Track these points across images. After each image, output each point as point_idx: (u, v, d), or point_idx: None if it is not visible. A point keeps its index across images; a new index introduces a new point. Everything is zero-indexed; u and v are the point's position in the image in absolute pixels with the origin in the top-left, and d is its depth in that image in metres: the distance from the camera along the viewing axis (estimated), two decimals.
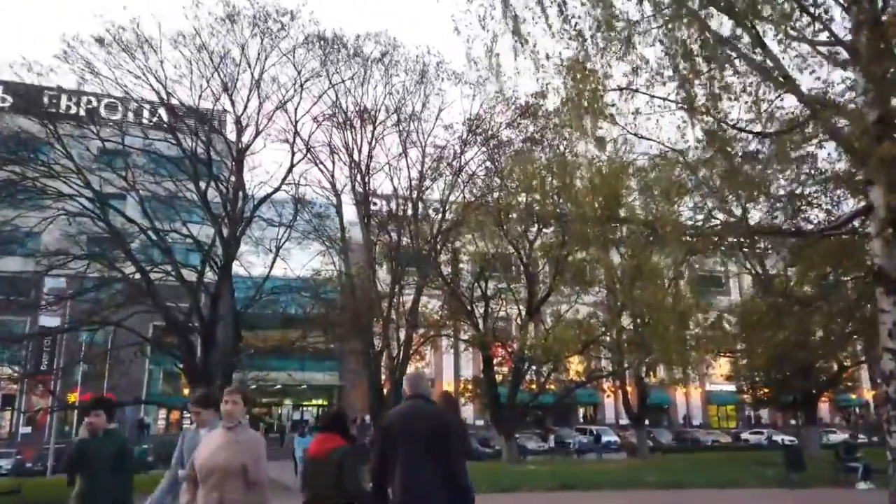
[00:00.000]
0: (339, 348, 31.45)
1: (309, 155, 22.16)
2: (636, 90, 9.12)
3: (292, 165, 19.99)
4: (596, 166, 11.31)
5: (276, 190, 19.78)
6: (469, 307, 25.50)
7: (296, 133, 20.12)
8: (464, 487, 3.81)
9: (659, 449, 32.78)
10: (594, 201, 11.40)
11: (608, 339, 23.51)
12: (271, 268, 20.78)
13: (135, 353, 23.14)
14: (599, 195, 11.34)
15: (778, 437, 42.66)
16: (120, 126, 20.20)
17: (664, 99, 9.09)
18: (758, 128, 9.23)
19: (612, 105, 9.17)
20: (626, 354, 21.18)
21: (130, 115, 20.91)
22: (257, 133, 19.23)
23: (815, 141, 9.76)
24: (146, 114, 20.74)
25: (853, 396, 55.28)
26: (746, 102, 8.80)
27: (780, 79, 8.42)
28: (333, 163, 23.99)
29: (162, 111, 18.52)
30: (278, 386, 48.90)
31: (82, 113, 21.56)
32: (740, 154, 9.79)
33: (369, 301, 22.46)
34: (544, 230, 24.41)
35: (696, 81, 8.59)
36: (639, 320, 23.16)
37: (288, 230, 20.90)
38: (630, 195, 12.42)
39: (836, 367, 25.52)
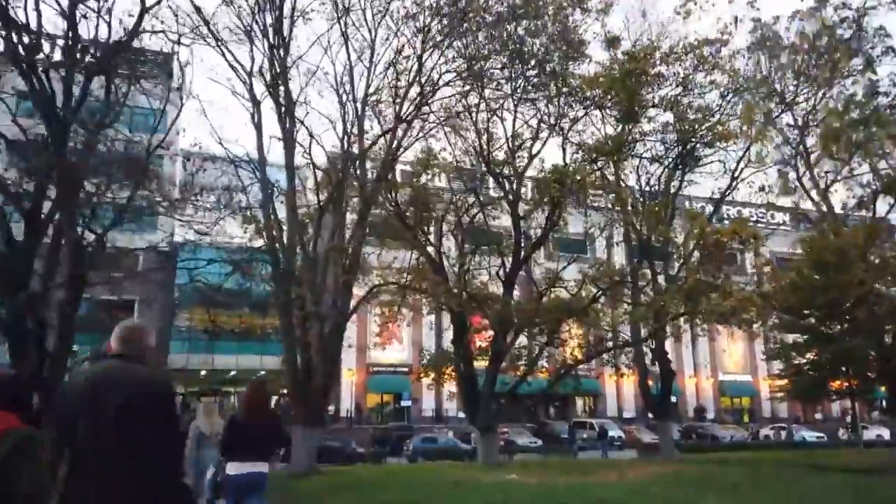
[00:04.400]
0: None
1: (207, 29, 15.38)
2: None
3: (146, 7, 13.09)
4: None
5: (129, 42, 12.88)
6: (438, 259, 19.11)
7: None
8: (178, 497, 2.52)
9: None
10: None
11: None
12: (138, 184, 14.08)
13: None
14: None
15: (806, 434, 37.06)
16: None
17: None
18: None
19: None
20: (652, 311, 14.64)
21: None
22: None
23: None
24: None
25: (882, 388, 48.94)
26: None
27: None
28: (253, 59, 17.35)
29: None
30: (233, 372, 43.23)
31: None
32: None
33: (291, 240, 16.00)
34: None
35: None
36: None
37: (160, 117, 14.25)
38: None
39: None
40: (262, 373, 43.60)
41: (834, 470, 14.29)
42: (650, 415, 26.68)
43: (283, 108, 15.96)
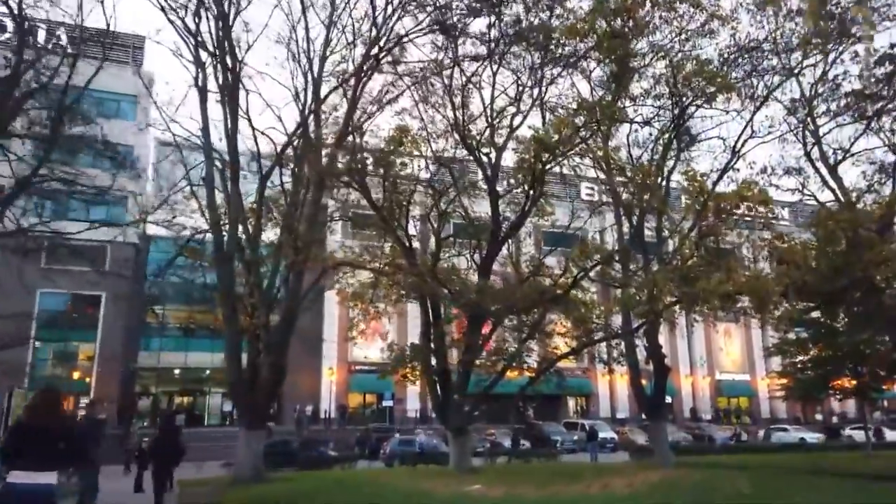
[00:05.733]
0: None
1: None
2: None
3: None
4: None
5: None
6: (407, 241, 17.22)
7: None
8: None
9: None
10: None
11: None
12: (54, 132, 12.07)
13: None
14: None
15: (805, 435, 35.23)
16: None
17: None
18: None
19: None
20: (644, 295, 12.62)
21: None
22: None
23: None
24: None
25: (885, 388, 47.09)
26: None
27: None
28: (198, 16, 15.41)
29: None
30: (208, 371, 41.36)
31: None
32: None
33: (234, 215, 14.07)
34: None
35: None
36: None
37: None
38: None
39: None
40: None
41: (837, 475, 12.40)
42: (643, 415, 24.77)
43: (224, 62, 14.00)
